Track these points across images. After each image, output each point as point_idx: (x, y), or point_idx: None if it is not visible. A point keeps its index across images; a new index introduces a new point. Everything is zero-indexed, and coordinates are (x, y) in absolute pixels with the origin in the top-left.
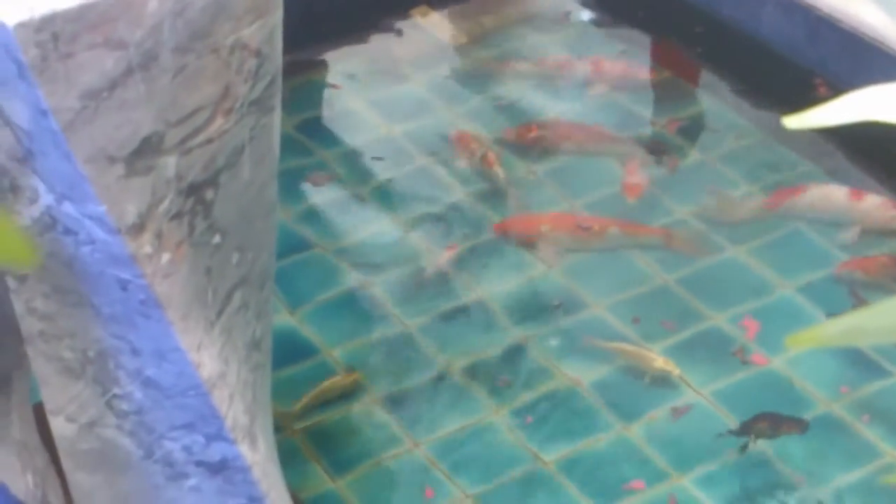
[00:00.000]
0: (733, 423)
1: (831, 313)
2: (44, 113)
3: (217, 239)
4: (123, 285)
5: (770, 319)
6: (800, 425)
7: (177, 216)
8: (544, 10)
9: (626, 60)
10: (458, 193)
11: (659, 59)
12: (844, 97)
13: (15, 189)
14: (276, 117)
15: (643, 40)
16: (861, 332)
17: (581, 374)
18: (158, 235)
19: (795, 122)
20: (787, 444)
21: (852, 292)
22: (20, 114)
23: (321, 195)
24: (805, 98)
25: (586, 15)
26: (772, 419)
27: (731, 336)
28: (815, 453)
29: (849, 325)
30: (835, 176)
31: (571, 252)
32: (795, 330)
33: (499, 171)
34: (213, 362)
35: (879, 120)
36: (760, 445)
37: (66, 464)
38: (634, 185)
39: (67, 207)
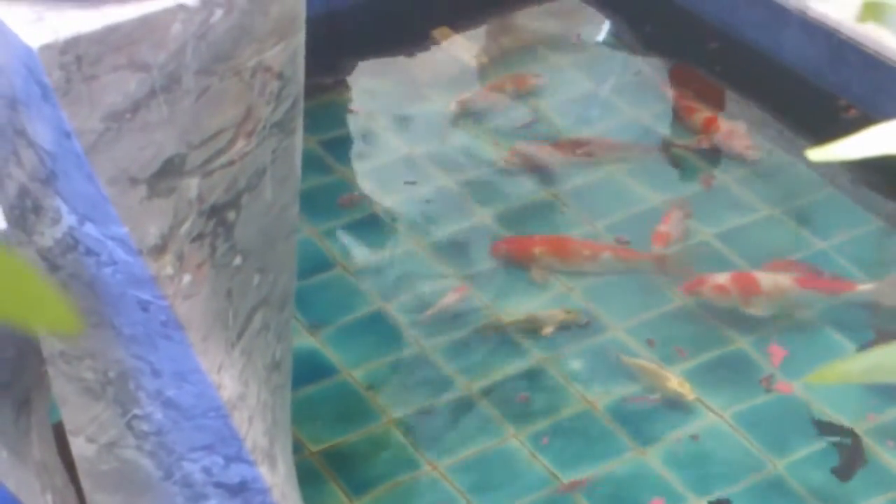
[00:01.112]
0: (755, 447)
1: (854, 337)
2: (67, 134)
3: (238, 260)
4: (144, 306)
5: (792, 343)
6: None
7: (198, 237)
8: (563, 30)
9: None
10: (481, 215)
11: (680, 79)
12: (869, 130)
13: (37, 210)
14: (298, 139)
15: (661, 60)
16: (883, 369)
17: (599, 397)
18: (180, 257)
19: (819, 154)
20: (809, 469)
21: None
22: (43, 135)
23: (343, 215)
24: (832, 121)
25: (604, 35)
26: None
27: (754, 360)
28: (837, 478)
29: (870, 362)
30: (857, 200)
31: (569, 275)
32: (817, 353)
33: None
34: (234, 384)
35: None
36: (780, 468)
37: (86, 484)
38: (664, 234)
39: (89, 228)
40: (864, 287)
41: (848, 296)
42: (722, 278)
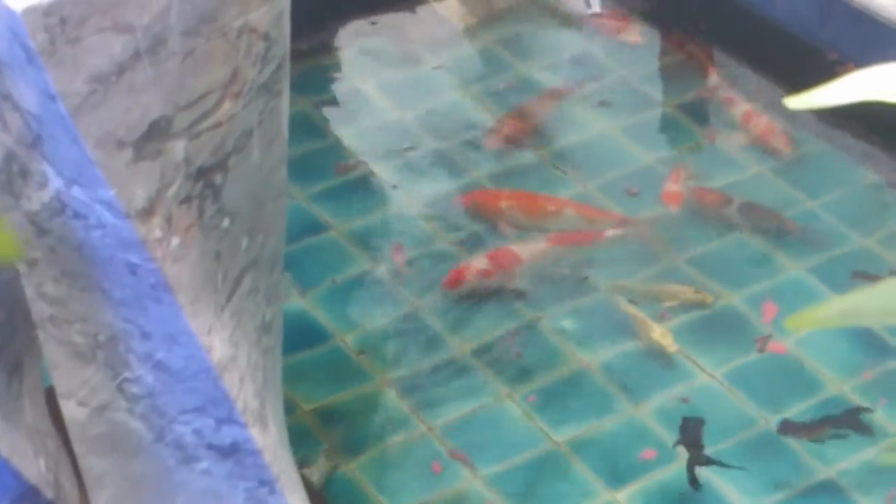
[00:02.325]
0: (748, 405)
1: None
2: (52, 97)
3: (226, 223)
4: (133, 269)
5: (782, 301)
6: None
7: (186, 200)
8: None
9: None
10: (471, 174)
11: (672, 41)
12: (847, 77)
13: (24, 174)
14: (285, 101)
15: (653, 20)
16: (860, 312)
17: (593, 356)
18: (168, 219)
19: (798, 102)
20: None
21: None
22: (29, 99)
23: (333, 178)
24: (822, 78)
25: None
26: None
27: (746, 317)
28: (827, 433)
29: (848, 305)
30: (847, 156)
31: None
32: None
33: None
34: (224, 346)
35: (882, 100)
36: (773, 424)
37: (78, 448)
38: (675, 194)
39: (77, 192)
40: (613, 232)
41: (600, 243)
42: (481, 263)
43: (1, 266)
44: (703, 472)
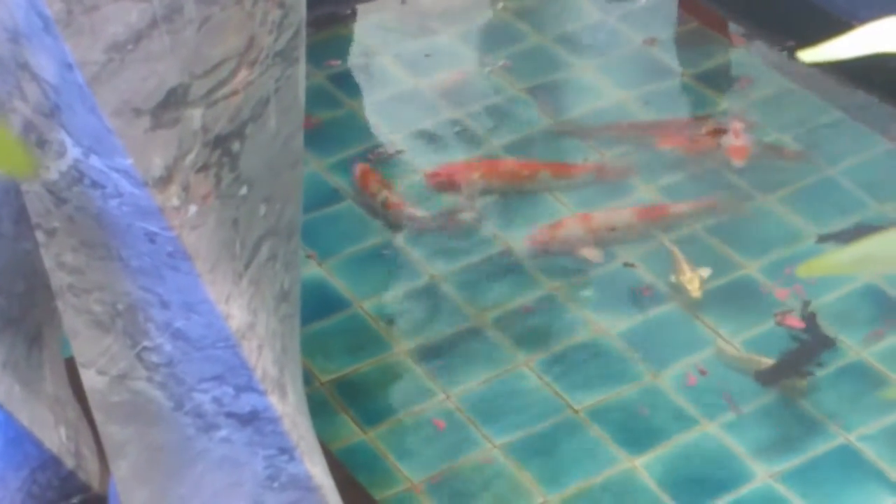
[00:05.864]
0: (766, 374)
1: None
2: (69, 67)
3: (244, 190)
4: (151, 238)
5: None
6: None
7: (203, 168)
8: None
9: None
10: (488, 146)
11: (687, 8)
12: (859, 29)
13: (42, 143)
14: (301, 69)
15: None
16: (872, 259)
17: (611, 324)
18: (185, 187)
19: (811, 55)
20: (818, 392)
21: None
22: (46, 68)
23: (350, 147)
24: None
25: None
26: None
27: (765, 288)
28: (846, 398)
29: (860, 252)
30: (865, 123)
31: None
32: (827, 284)
33: (412, 212)
34: (242, 314)
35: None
36: (791, 391)
37: (98, 416)
38: (740, 148)
39: (94, 161)
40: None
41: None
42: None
43: (20, 181)
44: (721, 438)
